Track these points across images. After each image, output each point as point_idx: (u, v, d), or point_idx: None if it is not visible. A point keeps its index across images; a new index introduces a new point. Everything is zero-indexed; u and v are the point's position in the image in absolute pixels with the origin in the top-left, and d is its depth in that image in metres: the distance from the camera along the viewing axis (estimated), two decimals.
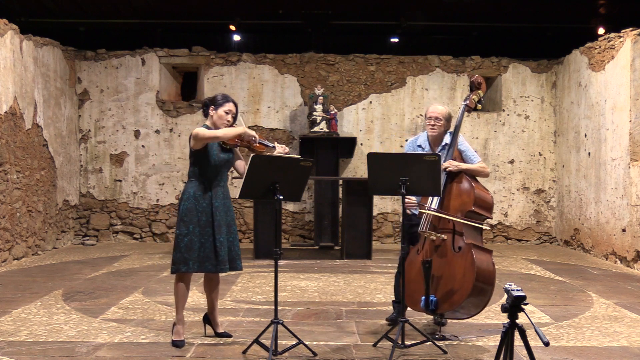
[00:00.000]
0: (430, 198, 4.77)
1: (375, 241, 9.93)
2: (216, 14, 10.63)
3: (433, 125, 4.94)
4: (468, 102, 5.04)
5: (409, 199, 4.80)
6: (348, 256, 8.69)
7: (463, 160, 4.89)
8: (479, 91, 5.10)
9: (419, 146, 5.08)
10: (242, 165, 4.75)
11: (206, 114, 4.68)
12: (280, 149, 4.59)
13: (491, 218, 4.86)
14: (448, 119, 4.98)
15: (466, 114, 5.03)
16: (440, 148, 4.98)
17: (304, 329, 4.95)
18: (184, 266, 4.46)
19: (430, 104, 5.23)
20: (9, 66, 8.08)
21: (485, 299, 4.56)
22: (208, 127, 4.61)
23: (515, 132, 10.73)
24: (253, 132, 4.57)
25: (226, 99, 4.65)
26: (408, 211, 4.85)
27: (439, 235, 4.63)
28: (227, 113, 4.59)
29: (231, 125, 4.64)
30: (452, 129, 4.98)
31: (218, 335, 4.76)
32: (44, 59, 9.23)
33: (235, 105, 4.67)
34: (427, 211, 4.70)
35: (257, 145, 4.61)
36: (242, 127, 4.60)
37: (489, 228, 5.24)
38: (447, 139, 4.98)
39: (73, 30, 11.05)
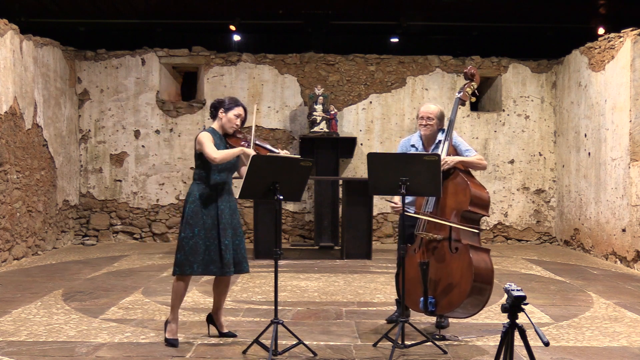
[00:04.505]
0: (425, 198, 4.76)
1: (375, 241, 9.93)
2: (216, 14, 10.63)
3: (425, 124, 4.95)
4: (461, 94, 5.04)
5: (394, 203, 4.85)
6: (348, 256, 8.69)
7: (458, 155, 4.87)
8: (473, 83, 5.08)
9: (412, 146, 5.07)
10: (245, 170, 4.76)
11: (214, 116, 4.66)
12: (283, 155, 4.56)
13: (488, 216, 4.83)
14: (440, 117, 4.99)
15: (460, 107, 5.03)
16: (433, 147, 4.98)
17: (304, 329, 4.95)
18: (188, 269, 4.46)
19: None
20: (9, 66, 8.08)
21: (484, 299, 4.56)
22: (214, 130, 4.61)
23: (515, 132, 10.73)
24: (251, 152, 4.45)
25: (236, 102, 4.64)
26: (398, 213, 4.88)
27: (435, 236, 4.62)
28: (236, 117, 4.58)
29: (239, 129, 4.63)
30: (445, 127, 4.98)
31: (222, 335, 4.75)
32: (44, 59, 9.23)
33: (245, 109, 4.66)
34: (421, 216, 4.69)
35: (263, 150, 4.61)
36: (238, 148, 4.52)
37: (485, 229, 5.24)
38: (440, 136, 4.98)
39: (73, 30, 11.06)
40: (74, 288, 6.61)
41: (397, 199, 4.94)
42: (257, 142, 4.65)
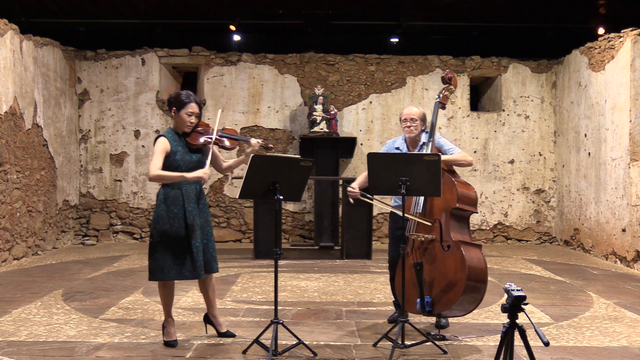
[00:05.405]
0: (414, 199, 4.77)
1: (375, 241, 9.92)
2: (216, 14, 10.63)
3: (409, 126, 5.02)
4: (441, 98, 5.09)
5: (352, 187, 4.88)
6: (348, 256, 8.69)
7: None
8: (451, 86, 5.13)
9: (397, 148, 5.13)
10: (221, 162, 4.71)
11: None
12: (254, 142, 4.56)
13: (477, 212, 4.88)
14: (423, 118, 5.06)
15: (440, 110, 5.07)
16: (418, 148, 5.03)
17: (304, 329, 4.95)
18: (159, 274, 4.44)
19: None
20: (9, 66, 8.08)
21: (479, 295, 4.56)
22: (172, 131, 4.54)
23: (515, 132, 10.73)
24: (198, 173, 4.37)
25: (188, 99, 4.51)
26: (350, 200, 4.91)
27: (426, 236, 4.63)
28: (189, 115, 4.49)
29: (196, 126, 4.53)
30: (428, 129, 5.02)
31: (221, 335, 4.74)
32: (44, 59, 9.23)
33: (198, 104, 4.55)
34: (409, 216, 4.70)
35: (229, 141, 4.57)
36: (178, 174, 4.37)
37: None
38: (424, 138, 5.02)
39: (73, 30, 11.07)
40: (74, 288, 6.61)
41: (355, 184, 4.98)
42: (220, 134, 4.56)
